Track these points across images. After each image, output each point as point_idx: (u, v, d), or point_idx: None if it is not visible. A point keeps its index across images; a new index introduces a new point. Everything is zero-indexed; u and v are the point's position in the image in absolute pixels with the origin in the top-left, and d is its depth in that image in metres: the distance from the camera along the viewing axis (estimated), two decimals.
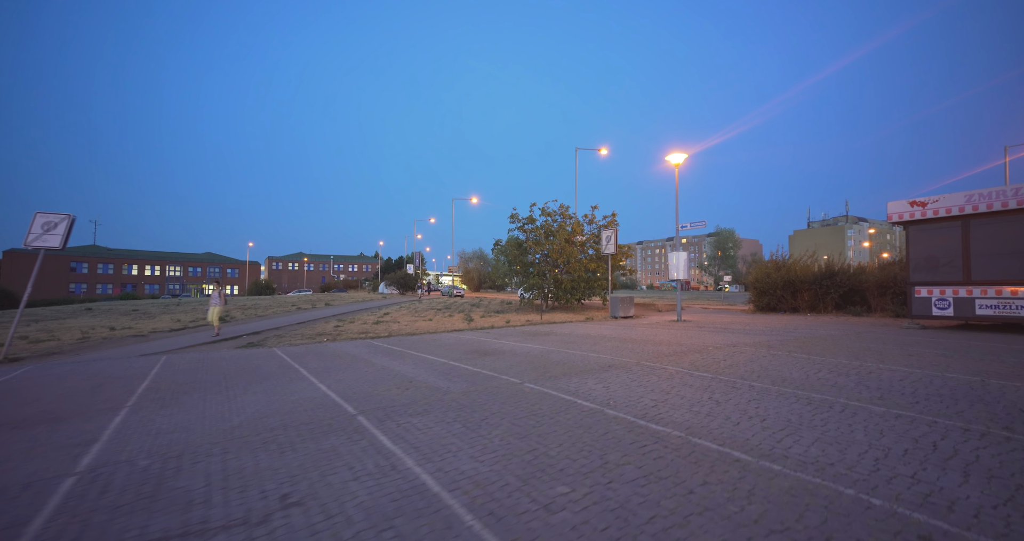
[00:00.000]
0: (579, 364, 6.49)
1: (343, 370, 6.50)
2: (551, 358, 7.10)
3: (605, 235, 17.43)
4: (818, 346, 7.81)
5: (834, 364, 6.06)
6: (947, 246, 10.10)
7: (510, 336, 10.57)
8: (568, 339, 9.62)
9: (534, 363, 6.67)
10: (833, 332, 10.17)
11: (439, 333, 11.79)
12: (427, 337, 10.80)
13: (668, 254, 15.12)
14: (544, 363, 6.65)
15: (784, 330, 10.79)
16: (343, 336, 11.40)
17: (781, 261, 17.99)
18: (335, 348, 9.09)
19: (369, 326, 14.00)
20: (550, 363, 6.64)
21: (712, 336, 9.72)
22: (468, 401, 4.58)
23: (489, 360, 7.04)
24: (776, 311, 17.11)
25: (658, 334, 10.32)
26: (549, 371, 6.02)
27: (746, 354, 7.04)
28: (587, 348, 8.14)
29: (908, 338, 8.92)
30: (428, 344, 9.33)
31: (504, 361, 6.90)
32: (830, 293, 15.67)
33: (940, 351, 7.13)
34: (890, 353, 6.96)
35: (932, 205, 10.20)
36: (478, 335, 10.95)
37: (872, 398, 4.39)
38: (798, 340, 8.72)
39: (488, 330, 12.30)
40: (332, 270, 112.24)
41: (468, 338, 10.32)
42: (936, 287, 10.22)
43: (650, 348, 7.97)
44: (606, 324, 13.56)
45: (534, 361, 6.85)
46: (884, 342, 8.32)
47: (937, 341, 8.39)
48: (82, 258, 64.29)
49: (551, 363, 6.64)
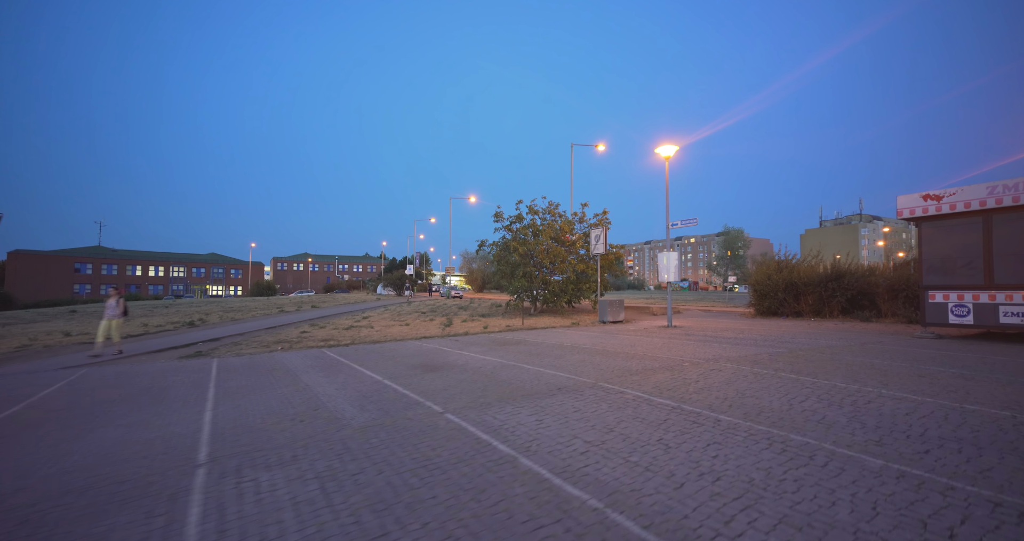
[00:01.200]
0: (527, 385, 5.55)
1: (257, 391, 5.63)
2: (500, 376, 6.16)
3: (594, 234, 16.43)
4: (813, 362, 6.78)
5: (827, 389, 5.05)
6: (966, 245, 8.97)
7: (476, 345, 9.66)
8: (535, 350, 8.68)
9: (477, 383, 5.74)
10: (834, 342, 9.10)
11: (405, 340, 10.92)
12: (387, 346, 9.93)
13: (658, 255, 14.09)
14: (488, 383, 5.73)
15: (780, 339, 9.73)
16: (302, 344, 10.56)
17: (784, 261, 16.83)
18: (279, 360, 8.24)
19: (339, 332, 13.17)
20: (495, 383, 5.71)
21: (695, 347, 8.71)
22: (358, 442, 3.67)
23: (429, 378, 6.12)
24: (778, 315, 15.97)
25: (637, 344, 9.33)
26: (486, 395, 5.09)
27: (725, 373, 6.04)
28: (549, 362, 7.20)
29: (920, 351, 7.84)
30: (380, 355, 8.45)
31: (445, 379, 5.99)
32: (836, 296, 14.50)
33: (958, 370, 6.07)
34: (897, 373, 5.91)
35: (949, 199, 9.07)
36: (442, 344, 10.05)
37: (867, 443, 3.40)
38: (792, 353, 7.69)
39: (458, 337, 11.41)
40: (337, 271, 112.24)
41: (429, 347, 9.43)
42: (953, 291, 9.10)
43: (619, 363, 7.00)
44: (589, 331, 12.58)
45: (479, 380, 5.92)
46: (891, 356, 7.25)
47: (954, 355, 7.30)
48: (86, 259, 64.55)
49: (496, 383, 5.71)
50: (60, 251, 63.90)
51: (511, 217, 18.69)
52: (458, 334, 12.09)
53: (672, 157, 13.71)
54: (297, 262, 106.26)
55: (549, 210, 18.89)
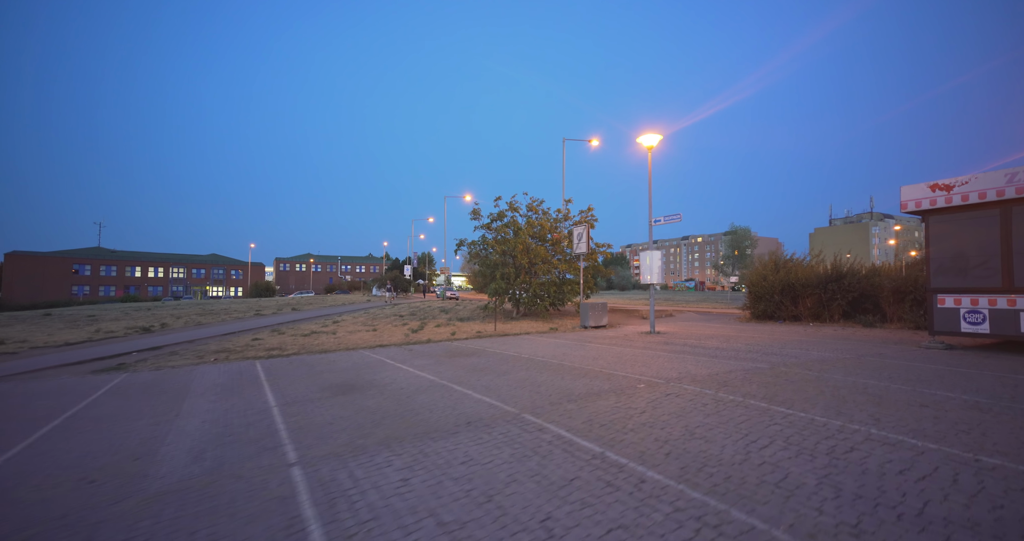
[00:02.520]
0: (435, 416, 4.53)
1: (111, 423, 4.66)
2: (414, 402, 5.14)
3: (576, 232, 15.35)
4: (793, 384, 5.67)
5: (802, 425, 3.96)
6: (981, 241, 7.79)
7: (425, 356, 8.65)
8: (484, 364, 7.64)
9: (379, 412, 4.73)
10: (828, 354, 7.97)
11: (356, 350, 9.94)
12: (328, 357, 8.95)
13: (640, 254, 12.99)
14: (392, 412, 4.71)
15: (766, 350, 8.61)
16: (241, 354, 9.62)
17: (781, 260, 15.61)
18: (193, 376, 7.29)
19: (294, 339, 12.23)
20: (400, 412, 4.69)
21: (666, 361, 7.62)
22: (116, 527, 2.66)
23: (329, 405, 5.12)
24: (774, 319, 14.78)
25: (603, 356, 8.26)
26: (375, 432, 4.07)
27: (682, 400, 4.96)
28: (486, 382, 6.16)
29: (925, 367, 6.69)
30: (309, 370, 7.47)
31: (347, 407, 4.98)
32: (836, 299, 13.29)
33: (971, 396, 4.94)
34: (894, 400, 4.80)
35: (960, 188, 7.89)
36: (391, 354, 9.05)
37: (839, 528, 2.33)
38: (773, 371, 6.58)
39: (415, 346, 10.41)
40: (339, 271, 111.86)
41: (371, 360, 8.44)
42: (965, 295, 7.92)
43: (565, 383, 5.94)
44: (562, 338, 11.52)
45: (385, 408, 4.91)
46: (890, 375, 6.12)
47: (967, 373, 6.16)
48: (85, 260, 64.41)
49: (401, 412, 4.69)
50: (58, 252, 63.81)
51: (491, 215, 17.63)
52: (418, 342, 11.09)
53: (656, 147, 12.59)
54: (299, 263, 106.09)
55: (532, 207, 17.80)
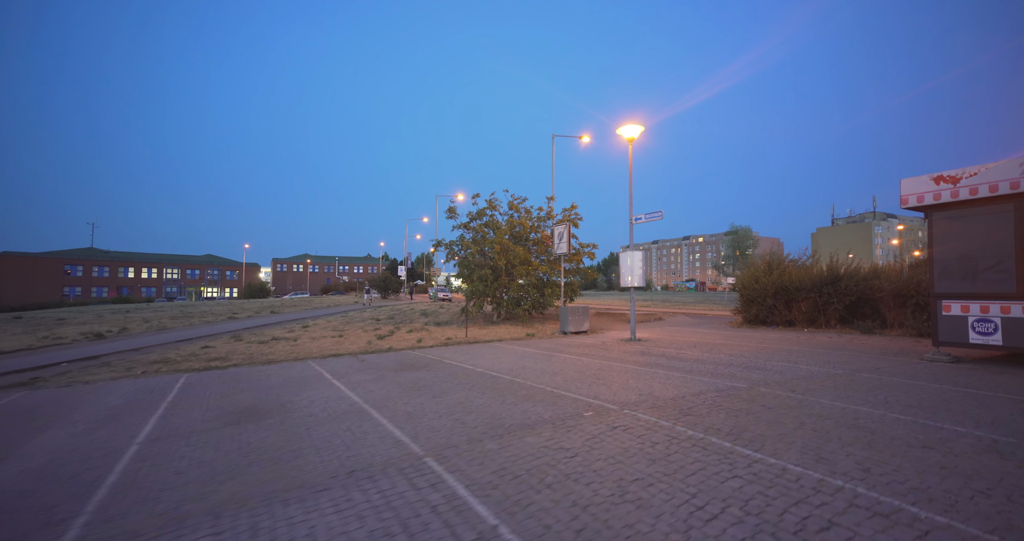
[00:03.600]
0: (321, 459, 3.65)
1: None
2: (312, 436, 4.26)
3: (557, 232, 14.43)
4: (770, 412, 4.76)
5: (769, 481, 3.05)
6: (991, 240, 6.86)
7: (373, 369, 7.79)
8: (427, 380, 6.76)
9: (256, 452, 3.86)
10: (817, 368, 7.05)
11: (305, 360, 9.09)
12: (269, 369, 8.11)
13: (620, 255, 12.09)
14: (272, 452, 3.84)
15: (750, 363, 7.69)
16: (178, 365, 8.78)
17: (775, 261, 14.66)
18: (92, 396, 6.45)
19: (249, 346, 11.38)
20: (282, 453, 3.82)
21: (631, 377, 6.72)
22: None
23: (205, 440, 4.25)
24: (767, 324, 13.83)
25: (563, 371, 7.36)
26: (221, 488, 3.20)
27: (630, 435, 4.05)
28: (416, 405, 5.27)
29: (929, 387, 5.77)
30: (234, 385, 6.61)
31: (223, 444, 4.11)
32: (832, 303, 12.35)
33: (987, 431, 4.01)
34: (890, 438, 3.88)
35: (968, 180, 6.95)
36: (339, 366, 8.20)
37: None
38: (751, 393, 5.66)
39: (372, 355, 9.56)
40: (337, 271, 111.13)
41: (311, 373, 7.58)
42: (974, 302, 6.99)
43: (503, 410, 5.04)
44: (533, 347, 10.62)
45: (270, 444, 4.04)
46: (888, 400, 5.21)
47: (979, 398, 5.23)
48: (77, 261, 63.77)
49: (284, 453, 3.82)
50: (50, 253, 63.19)
51: (470, 213, 16.72)
52: (377, 351, 10.21)
53: (637, 139, 11.69)
54: (297, 263, 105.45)
55: (513, 205, 16.89)
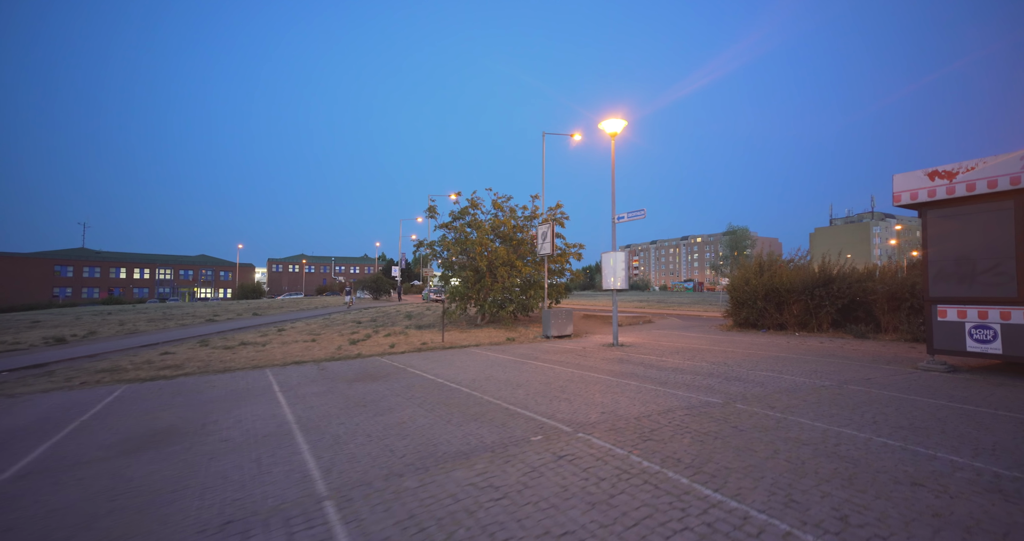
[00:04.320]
0: (189, 507, 3.11)
1: None
2: (207, 472, 3.73)
3: (540, 231, 13.90)
4: (741, 438, 4.22)
5: (725, 534, 2.51)
6: (990, 240, 6.34)
7: (329, 379, 7.25)
8: (379, 395, 6.22)
9: (109, 499, 3.32)
10: (804, 379, 6.51)
11: (263, 367, 8.57)
12: (219, 379, 7.59)
13: (602, 256, 11.57)
14: (130, 500, 3.29)
15: (731, 373, 7.16)
16: (125, 375, 8.23)
17: (765, 262, 14.13)
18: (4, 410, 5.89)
19: (214, 352, 10.83)
20: (143, 501, 3.28)
21: (598, 391, 6.18)
22: None
23: (65, 479, 3.70)
24: (757, 327, 13.30)
25: (529, 383, 6.82)
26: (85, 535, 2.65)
27: (573, 470, 3.51)
28: (351, 426, 4.74)
29: (922, 403, 5.24)
30: (168, 400, 6.06)
31: (81, 484, 3.57)
32: (824, 306, 11.81)
33: (988, 463, 3.47)
34: (875, 472, 3.35)
35: (965, 176, 6.43)
36: (294, 375, 7.66)
37: None
38: (725, 411, 5.13)
39: (337, 362, 9.04)
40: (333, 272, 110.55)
41: (259, 385, 7.04)
42: (972, 306, 6.45)
43: (440, 433, 4.51)
44: (509, 353, 10.09)
45: (137, 488, 3.49)
46: (876, 419, 4.67)
47: (978, 417, 4.70)
48: (67, 261, 63.07)
49: (147, 500, 3.28)
50: (39, 253, 62.50)
51: (452, 213, 16.17)
52: (345, 357, 9.67)
53: (620, 134, 11.15)
54: (292, 263, 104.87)
55: (497, 204, 16.34)
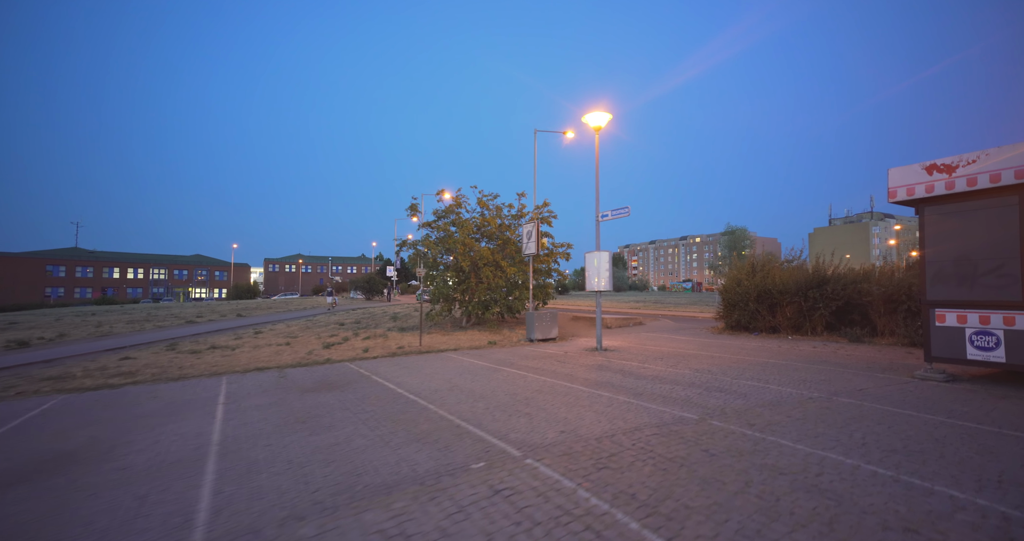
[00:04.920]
0: None
1: None
2: (53, 524, 3.23)
3: (525, 230, 13.39)
4: (709, 465, 3.73)
5: None
6: (992, 239, 5.84)
7: (286, 389, 6.77)
8: (330, 407, 5.74)
9: None
10: (791, 390, 6.02)
11: (222, 374, 8.10)
12: (166, 388, 7.11)
13: (585, 256, 11.08)
14: None
15: (714, 383, 6.67)
16: (68, 384, 7.73)
17: (758, 263, 13.63)
18: None
19: (181, 356, 10.35)
20: None
21: (564, 403, 5.69)
22: None
23: None
24: (749, 330, 12.81)
25: (494, 393, 6.33)
26: None
27: (505, 511, 3.02)
28: (277, 448, 4.26)
29: (919, 420, 4.75)
30: (96, 414, 5.60)
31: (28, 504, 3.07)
32: (818, 308, 11.31)
33: (994, 496, 2.98)
34: (860, 506, 2.85)
35: (965, 169, 5.94)
36: (251, 383, 7.18)
37: None
38: (698, 429, 4.63)
39: (303, 368, 8.57)
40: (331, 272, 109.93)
41: (206, 395, 6.56)
42: (972, 311, 5.96)
43: (374, 458, 4.02)
44: (485, 358, 9.60)
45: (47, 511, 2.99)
46: (866, 439, 4.18)
47: (981, 437, 4.21)
48: (59, 261, 62.49)
49: None
50: (32, 252, 61.93)
51: (437, 211, 15.67)
52: (313, 363, 9.17)
53: (604, 127, 10.66)
54: (289, 263, 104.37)
55: (482, 202, 15.84)
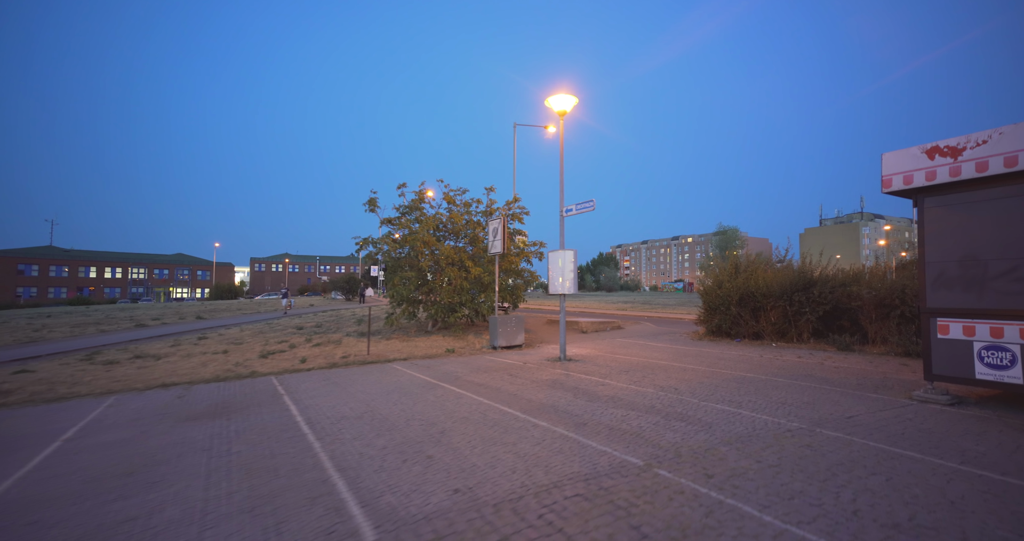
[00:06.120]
0: None
1: None
2: None
3: (491, 228, 12.32)
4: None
5: None
6: (1007, 235, 4.88)
7: (161, 417, 5.71)
8: (175, 452, 4.67)
9: None
10: (767, 419, 5.01)
11: (117, 394, 6.97)
12: (26, 413, 5.95)
13: (548, 255, 10.04)
14: None
15: (676, 408, 5.66)
16: None
17: (743, 262, 12.66)
18: None
19: (91, 368, 9.20)
20: None
21: (483, 442, 4.66)
22: None
23: None
24: (731, 336, 11.84)
25: (397, 429, 5.28)
26: None
27: None
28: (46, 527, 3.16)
29: (924, 465, 3.76)
30: None
31: None
32: (805, 313, 10.36)
33: None
34: None
35: (973, 152, 4.97)
36: (142, 402, 6.08)
37: None
38: (638, 479, 3.62)
39: (220, 383, 7.47)
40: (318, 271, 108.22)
41: (54, 428, 5.45)
42: (982, 321, 5.00)
43: None
44: (434, 370, 8.54)
45: None
46: (856, 503, 3.19)
47: (1009, 490, 3.22)
48: (32, 260, 60.41)
49: None
50: (2, 251, 59.79)
51: (400, 206, 14.55)
52: (235, 376, 8.07)
53: (569, 112, 9.64)
54: (276, 263, 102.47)
55: (448, 197, 14.74)
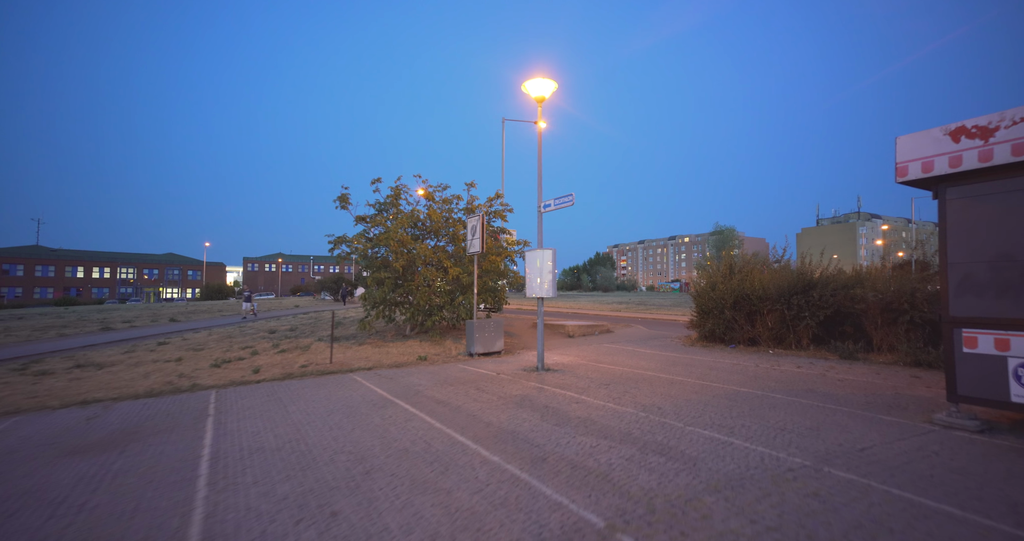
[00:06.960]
0: None
1: None
2: None
3: (470, 226, 11.49)
4: None
5: None
6: None
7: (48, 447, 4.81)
8: (14, 506, 3.81)
9: None
10: (763, 451, 4.21)
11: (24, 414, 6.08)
12: None
13: (526, 255, 9.22)
14: None
15: (656, 436, 4.84)
16: None
17: (736, 264, 11.86)
18: None
19: (20, 381, 8.33)
20: None
21: (409, 488, 3.84)
22: None
23: None
24: (724, 342, 11.05)
25: (312, 467, 4.45)
26: None
27: None
28: None
29: (968, 529, 2.95)
30: None
31: None
32: (804, 317, 9.57)
33: None
34: None
35: (1007, 132, 4.18)
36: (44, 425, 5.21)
37: None
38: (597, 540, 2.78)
39: (151, 398, 6.61)
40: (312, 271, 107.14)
41: None
42: (1018, 334, 4.21)
43: None
44: (395, 382, 7.71)
45: None
46: None
47: None
48: (17, 259, 59.20)
49: None
50: None
51: (375, 203, 13.69)
52: (172, 390, 7.22)
53: (548, 99, 8.82)
54: (269, 262, 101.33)
55: (427, 194, 13.91)
